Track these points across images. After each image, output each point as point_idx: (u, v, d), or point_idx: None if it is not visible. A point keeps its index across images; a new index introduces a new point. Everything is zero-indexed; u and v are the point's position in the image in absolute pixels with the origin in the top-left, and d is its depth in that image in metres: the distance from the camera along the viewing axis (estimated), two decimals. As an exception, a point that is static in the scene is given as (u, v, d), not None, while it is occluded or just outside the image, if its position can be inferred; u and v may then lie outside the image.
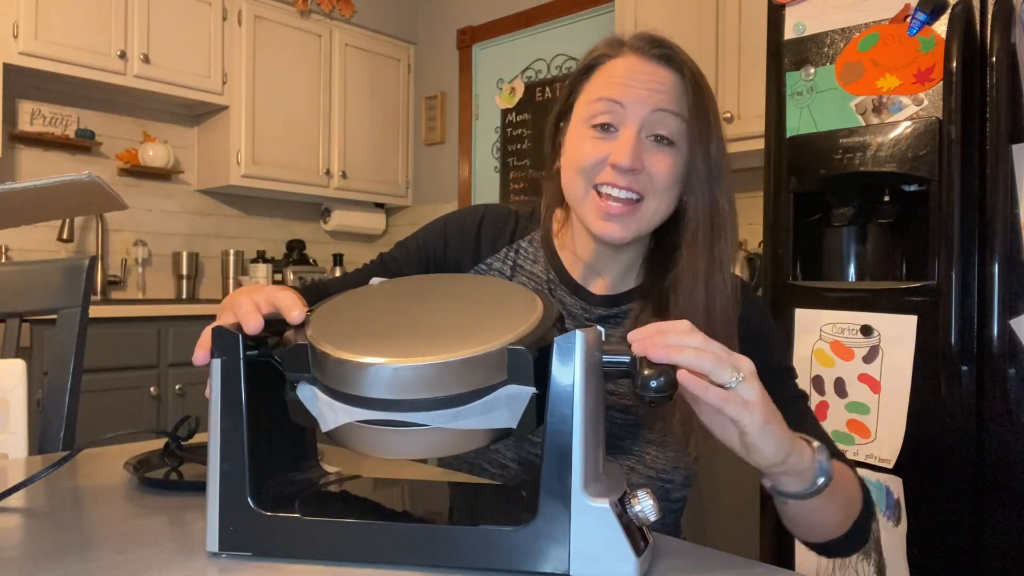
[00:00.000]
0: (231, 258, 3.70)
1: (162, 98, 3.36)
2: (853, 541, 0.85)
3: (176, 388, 2.95)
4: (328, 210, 4.11)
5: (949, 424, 1.51)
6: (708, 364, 0.62)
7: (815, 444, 0.72)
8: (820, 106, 1.73)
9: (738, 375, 0.63)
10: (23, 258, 3.13)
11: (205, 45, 3.39)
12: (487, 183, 3.93)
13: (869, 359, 1.62)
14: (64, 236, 3.19)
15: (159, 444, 0.98)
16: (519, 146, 3.79)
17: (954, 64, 1.46)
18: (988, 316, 1.44)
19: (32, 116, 3.18)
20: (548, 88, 3.67)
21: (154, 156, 3.44)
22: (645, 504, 0.61)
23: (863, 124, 1.66)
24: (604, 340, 0.65)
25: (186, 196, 3.66)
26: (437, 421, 0.60)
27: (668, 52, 0.91)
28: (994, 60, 1.46)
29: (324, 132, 3.83)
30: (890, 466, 1.58)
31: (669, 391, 0.61)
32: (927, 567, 1.54)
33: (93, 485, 0.89)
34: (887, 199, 1.71)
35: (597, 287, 0.99)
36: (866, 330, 1.63)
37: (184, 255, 3.56)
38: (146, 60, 3.18)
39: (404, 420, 0.61)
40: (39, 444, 1.24)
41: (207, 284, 3.73)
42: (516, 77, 3.80)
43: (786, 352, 0.98)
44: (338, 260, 4.12)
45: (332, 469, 0.79)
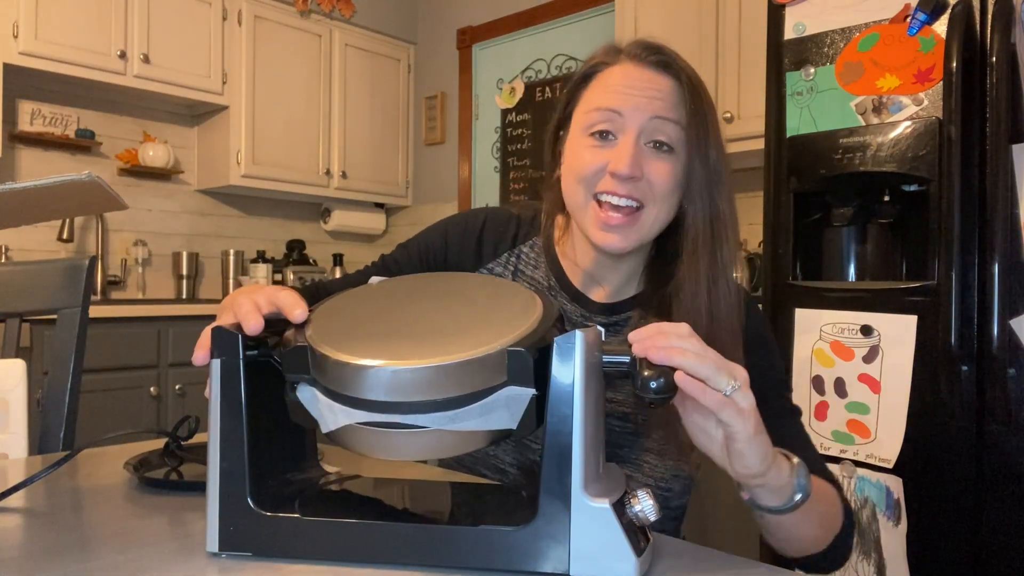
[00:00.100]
0: (231, 258, 3.70)
1: (162, 98, 3.36)
2: (832, 559, 0.85)
3: (176, 388, 2.95)
4: (328, 210, 4.11)
5: (949, 424, 1.51)
6: (707, 370, 0.63)
7: (795, 460, 0.73)
8: (820, 106, 1.73)
9: (734, 383, 0.64)
10: (23, 258, 3.13)
11: (205, 45, 3.39)
12: (487, 183, 3.93)
13: (869, 359, 1.62)
14: (64, 236, 3.20)
15: (159, 444, 0.98)
16: (519, 146, 3.79)
17: (954, 64, 1.46)
18: (988, 316, 1.44)
19: (32, 116, 3.18)
20: (548, 88, 3.67)
21: (154, 156, 3.44)
22: (645, 504, 0.61)
23: (863, 124, 1.66)
24: (604, 340, 0.65)
25: (186, 196, 3.66)
26: (436, 423, 0.60)
27: (665, 59, 0.91)
28: (994, 60, 1.46)
29: (324, 132, 3.83)
30: (890, 466, 1.58)
31: (669, 393, 0.61)
32: (927, 567, 1.54)
33: (93, 485, 0.89)
34: (887, 199, 1.71)
35: (597, 295, 0.99)
36: (866, 330, 1.63)
37: (184, 255, 3.56)
38: (146, 60, 3.18)
39: (403, 422, 0.61)
40: (39, 444, 1.24)
41: (207, 284, 3.73)
42: (516, 77, 3.80)
43: (784, 366, 0.98)
44: (338, 260, 4.12)
45: (332, 469, 0.79)
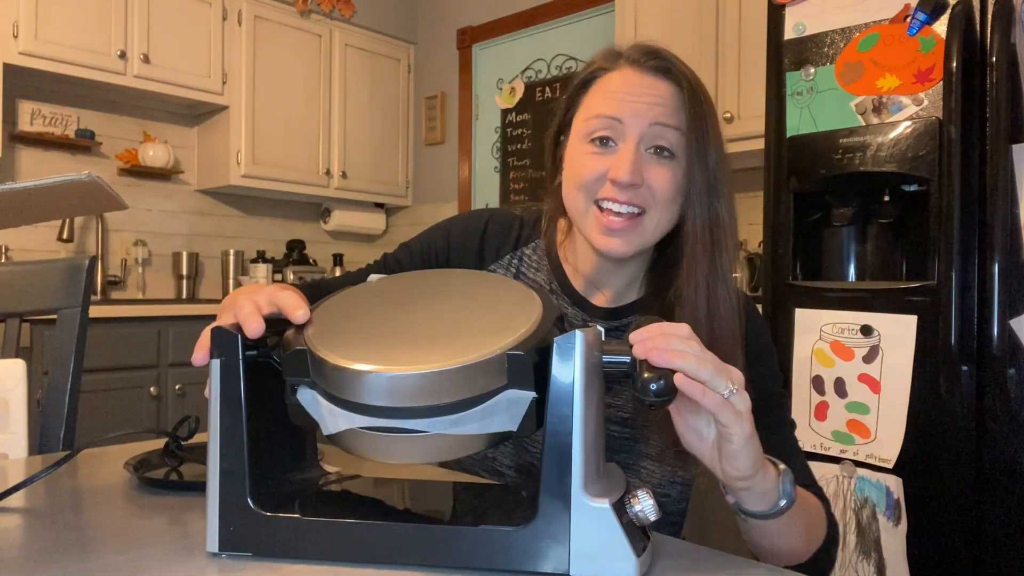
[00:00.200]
0: (231, 258, 3.70)
1: (162, 98, 3.36)
2: (814, 572, 0.85)
3: (176, 388, 2.95)
4: (328, 210, 4.11)
5: (949, 424, 1.51)
6: (706, 372, 0.63)
7: (781, 467, 0.74)
8: (820, 106, 1.73)
9: (732, 386, 0.64)
10: (23, 258, 3.13)
11: (205, 45, 3.39)
12: (487, 183, 3.93)
13: (869, 359, 1.62)
14: (64, 236, 3.20)
15: (159, 444, 0.98)
16: (519, 146, 3.79)
17: (954, 64, 1.46)
18: (988, 316, 1.44)
19: (32, 116, 3.18)
20: (548, 88, 3.67)
21: (154, 156, 3.44)
22: (645, 504, 0.61)
23: (863, 124, 1.66)
24: (604, 341, 0.65)
25: (186, 196, 3.66)
26: (437, 427, 0.60)
27: (665, 64, 0.90)
28: (994, 60, 1.46)
29: (324, 132, 3.83)
30: (890, 466, 1.58)
31: (669, 396, 0.61)
32: (927, 567, 1.54)
33: (93, 485, 0.89)
34: (887, 199, 1.71)
35: (599, 300, 0.99)
36: (866, 330, 1.62)
37: (184, 255, 3.56)
38: (146, 60, 3.18)
39: (404, 427, 0.60)
40: (39, 444, 1.24)
41: (207, 284, 3.73)
42: (516, 77, 3.80)
43: (781, 377, 0.98)
44: (338, 260, 4.12)
45: (332, 469, 0.79)
